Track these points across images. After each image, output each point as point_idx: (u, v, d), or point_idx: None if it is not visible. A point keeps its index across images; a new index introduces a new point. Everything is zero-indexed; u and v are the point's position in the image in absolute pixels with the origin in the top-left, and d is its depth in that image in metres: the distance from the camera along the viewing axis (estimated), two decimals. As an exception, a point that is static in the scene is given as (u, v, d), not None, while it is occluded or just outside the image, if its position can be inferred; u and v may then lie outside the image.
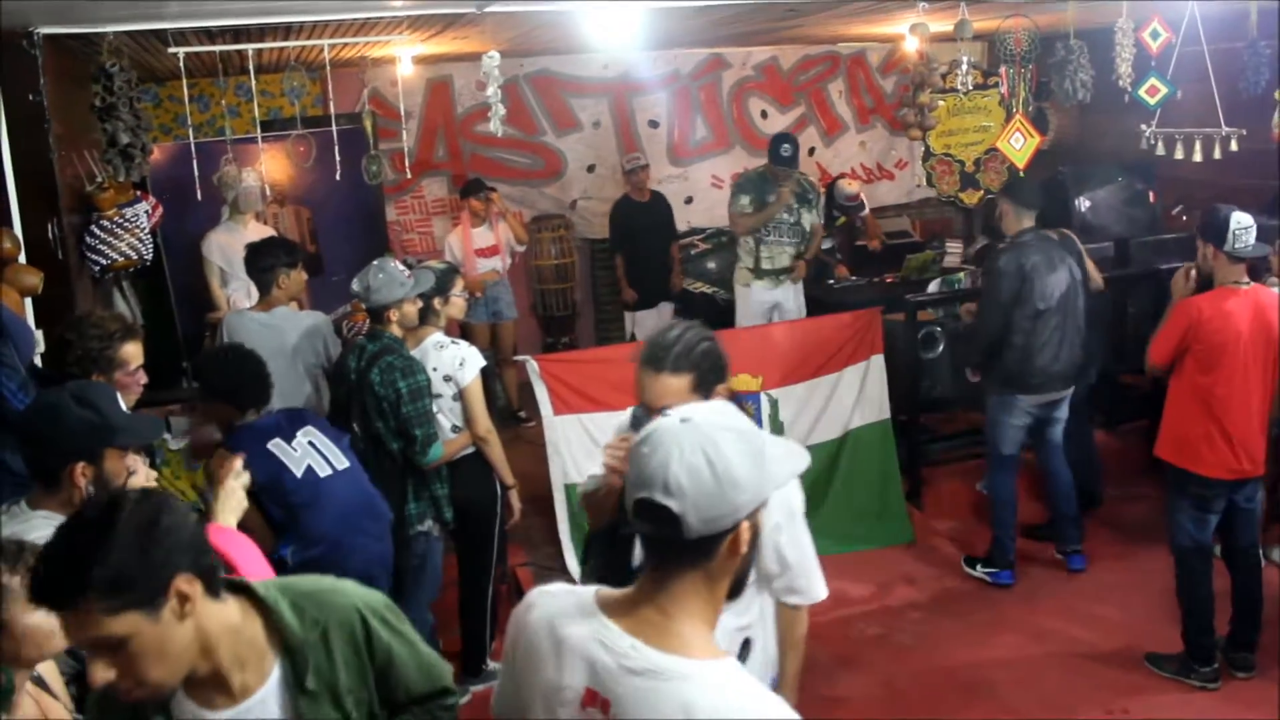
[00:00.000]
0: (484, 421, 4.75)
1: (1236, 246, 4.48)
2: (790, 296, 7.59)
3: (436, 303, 4.79)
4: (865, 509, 6.35)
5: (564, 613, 1.80)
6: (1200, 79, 6.94)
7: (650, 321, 8.27)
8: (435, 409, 4.65)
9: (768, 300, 7.51)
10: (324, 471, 4.01)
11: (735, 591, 1.76)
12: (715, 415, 1.71)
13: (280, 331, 5.07)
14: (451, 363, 4.69)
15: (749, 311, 7.63)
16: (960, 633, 5.39)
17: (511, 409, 8.06)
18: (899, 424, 6.53)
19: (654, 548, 1.71)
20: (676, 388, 2.72)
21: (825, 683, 4.94)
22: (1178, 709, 4.63)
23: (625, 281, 8.45)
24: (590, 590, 1.82)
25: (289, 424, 4.08)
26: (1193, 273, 4.78)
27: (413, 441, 4.50)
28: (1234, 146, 6.99)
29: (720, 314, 8.13)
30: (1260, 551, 5.00)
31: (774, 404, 6.22)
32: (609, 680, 1.69)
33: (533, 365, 5.78)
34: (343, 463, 4.09)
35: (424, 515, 4.65)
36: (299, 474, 3.96)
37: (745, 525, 1.68)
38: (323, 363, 5.12)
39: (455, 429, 4.75)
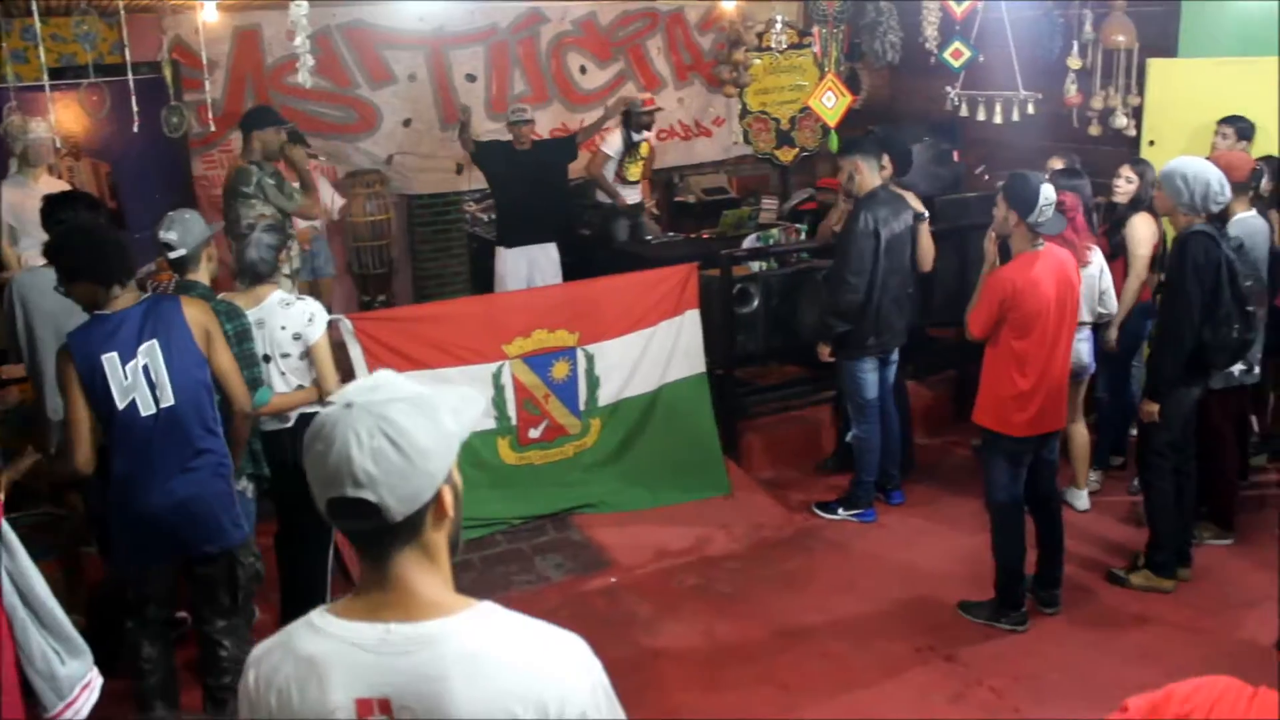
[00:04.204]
0: (334, 378, 4.63)
1: (1040, 221, 4.64)
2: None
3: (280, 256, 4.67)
4: (682, 462, 6.42)
5: (296, 641, 1.67)
6: (1001, 44, 7.23)
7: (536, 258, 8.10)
8: (280, 370, 4.55)
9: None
10: (147, 409, 3.72)
11: (453, 550, 1.72)
12: (378, 390, 1.62)
13: None
14: (300, 319, 4.56)
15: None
16: (777, 581, 5.53)
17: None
18: (714, 378, 6.62)
19: (362, 539, 1.64)
20: None
21: (646, 634, 5.00)
22: (988, 646, 4.86)
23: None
24: (305, 616, 1.70)
25: (136, 333, 3.72)
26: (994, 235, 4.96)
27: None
28: (1031, 109, 7.33)
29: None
30: (1059, 495, 5.33)
31: (590, 359, 6.23)
32: (378, 678, 1.58)
33: (346, 324, 5.62)
34: (169, 399, 3.76)
35: (242, 472, 4.40)
36: (121, 405, 3.69)
37: (445, 489, 1.63)
38: None
39: (299, 389, 4.61)
